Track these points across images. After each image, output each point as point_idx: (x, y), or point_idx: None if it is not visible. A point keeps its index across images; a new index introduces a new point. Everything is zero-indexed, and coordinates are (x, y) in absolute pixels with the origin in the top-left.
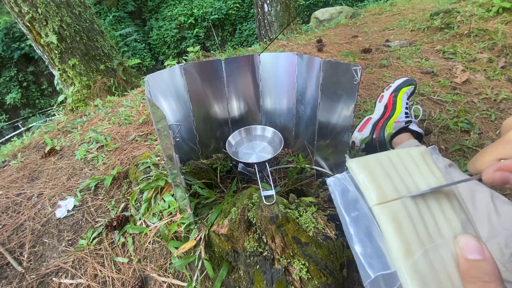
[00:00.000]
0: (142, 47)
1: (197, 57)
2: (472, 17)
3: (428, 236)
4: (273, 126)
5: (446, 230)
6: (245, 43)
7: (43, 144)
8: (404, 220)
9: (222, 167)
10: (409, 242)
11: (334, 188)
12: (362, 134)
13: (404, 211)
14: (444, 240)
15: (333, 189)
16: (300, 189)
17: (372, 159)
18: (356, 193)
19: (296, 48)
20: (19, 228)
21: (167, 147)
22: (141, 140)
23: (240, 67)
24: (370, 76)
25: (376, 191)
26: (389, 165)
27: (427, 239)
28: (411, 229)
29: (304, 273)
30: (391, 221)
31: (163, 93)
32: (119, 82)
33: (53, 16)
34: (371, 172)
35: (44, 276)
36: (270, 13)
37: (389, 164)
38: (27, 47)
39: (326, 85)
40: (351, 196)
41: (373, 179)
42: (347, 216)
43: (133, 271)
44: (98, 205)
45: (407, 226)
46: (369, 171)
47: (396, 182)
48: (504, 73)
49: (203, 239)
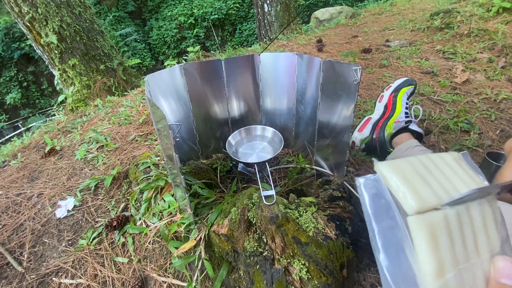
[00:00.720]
0: (142, 47)
1: (197, 57)
2: (472, 17)
3: (465, 254)
4: (273, 126)
5: (484, 247)
6: (245, 43)
7: (43, 144)
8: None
9: (222, 167)
10: (444, 261)
11: (364, 190)
12: (362, 134)
13: (443, 225)
14: (480, 259)
15: (362, 191)
16: (300, 189)
17: (403, 162)
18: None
19: (296, 48)
20: (19, 228)
21: (167, 147)
22: (141, 140)
23: (240, 67)
24: (370, 76)
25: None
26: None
27: (463, 257)
28: (448, 246)
29: (304, 273)
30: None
31: (163, 93)
32: (119, 82)
33: (53, 16)
34: (405, 176)
35: (44, 276)
36: (270, 13)
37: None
38: (27, 47)
39: (326, 85)
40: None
41: (408, 183)
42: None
43: (133, 271)
44: (98, 205)
45: (444, 242)
46: (402, 175)
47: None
48: (504, 73)
49: (203, 239)
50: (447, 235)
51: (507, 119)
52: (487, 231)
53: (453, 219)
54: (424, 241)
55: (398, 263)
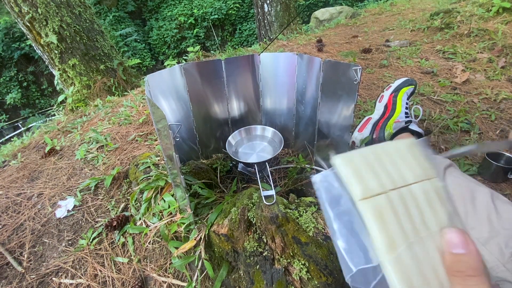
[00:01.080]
0: (142, 47)
1: (197, 57)
2: (472, 17)
3: (413, 229)
4: (273, 126)
5: (432, 222)
6: (245, 43)
7: (43, 144)
8: (388, 214)
9: (222, 167)
10: (393, 235)
11: (319, 185)
12: (362, 134)
13: (388, 205)
14: (430, 232)
15: (318, 186)
16: (300, 189)
17: (357, 154)
18: (340, 190)
19: (296, 48)
20: (19, 228)
21: (167, 147)
22: (141, 140)
23: (240, 67)
24: (370, 76)
25: (360, 185)
26: (374, 159)
27: (412, 232)
28: (395, 223)
29: (304, 273)
30: (375, 216)
31: (163, 93)
32: (119, 82)
33: (53, 16)
34: (355, 167)
35: (44, 276)
36: (270, 13)
37: (373, 158)
38: (27, 47)
39: (326, 85)
40: (336, 192)
41: (357, 174)
42: (331, 211)
43: (133, 271)
44: (98, 205)
45: (391, 220)
46: (353, 166)
47: (381, 176)
48: (504, 73)
49: (203, 239)
50: (393, 213)
51: (507, 119)
52: (432, 207)
53: (395, 199)
54: (373, 221)
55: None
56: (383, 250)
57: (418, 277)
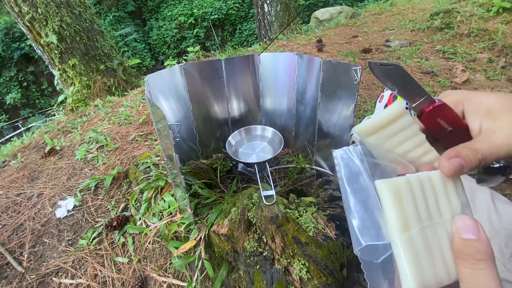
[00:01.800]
0: (142, 47)
1: (197, 57)
2: (472, 17)
3: (427, 214)
4: (273, 126)
5: (446, 210)
6: (245, 43)
7: (43, 144)
8: (405, 195)
9: (222, 167)
10: (408, 217)
11: (340, 160)
12: None
13: (407, 187)
14: (443, 219)
15: (339, 161)
16: (300, 189)
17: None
18: (360, 167)
19: (296, 48)
20: (19, 228)
21: (167, 147)
22: (141, 140)
23: (240, 67)
24: (370, 76)
25: None
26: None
27: (426, 216)
28: (411, 205)
29: (304, 273)
30: (392, 197)
31: (163, 93)
32: (119, 82)
33: (53, 16)
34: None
35: (44, 276)
36: (270, 13)
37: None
38: (27, 47)
39: (326, 85)
40: (355, 169)
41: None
42: (348, 187)
43: (133, 271)
44: (98, 205)
45: (408, 201)
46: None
47: None
48: (504, 73)
49: (203, 239)
50: (410, 195)
51: None
52: (448, 195)
53: (415, 183)
54: (390, 200)
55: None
56: (396, 229)
57: (426, 260)
